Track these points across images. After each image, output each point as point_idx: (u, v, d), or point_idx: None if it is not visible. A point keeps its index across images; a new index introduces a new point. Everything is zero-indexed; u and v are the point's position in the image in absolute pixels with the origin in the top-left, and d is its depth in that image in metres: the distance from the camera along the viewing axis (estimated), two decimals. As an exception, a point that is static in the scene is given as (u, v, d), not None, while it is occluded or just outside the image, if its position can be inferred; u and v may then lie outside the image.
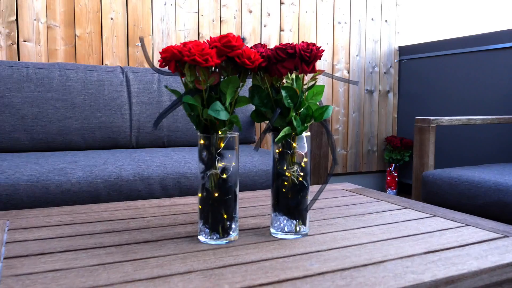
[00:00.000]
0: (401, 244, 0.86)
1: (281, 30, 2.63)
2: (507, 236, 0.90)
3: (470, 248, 0.84)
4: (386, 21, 2.96)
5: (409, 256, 0.78)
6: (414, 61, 2.91)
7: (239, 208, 1.13)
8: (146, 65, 2.27)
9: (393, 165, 2.88)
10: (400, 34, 3.01)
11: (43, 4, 2.05)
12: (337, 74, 2.82)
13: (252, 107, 2.23)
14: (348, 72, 2.85)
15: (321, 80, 2.76)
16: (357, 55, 2.87)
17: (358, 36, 2.87)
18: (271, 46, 2.59)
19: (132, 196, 1.51)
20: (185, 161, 1.66)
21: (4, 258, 0.74)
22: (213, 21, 2.44)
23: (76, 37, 2.13)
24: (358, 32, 2.87)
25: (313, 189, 1.38)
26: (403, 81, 2.99)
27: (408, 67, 2.96)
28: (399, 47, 3.00)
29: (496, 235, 0.92)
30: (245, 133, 2.23)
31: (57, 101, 1.87)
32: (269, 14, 2.59)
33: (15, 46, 2.02)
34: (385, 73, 2.99)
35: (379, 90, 2.97)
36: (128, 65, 2.23)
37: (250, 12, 2.54)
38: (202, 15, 2.42)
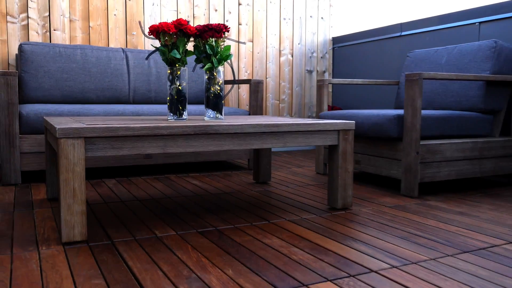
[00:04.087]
0: (271, 122, 1.77)
1: (239, 24, 3.54)
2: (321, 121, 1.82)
3: (301, 121, 1.77)
4: (322, 18, 3.88)
5: (274, 126, 1.69)
6: (344, 48, 3.83)
7: (189, 114, 2.04)
8: (140, 47, 3.16)
9: (327, 127, 3.80)
10: (333, 27, 3.93)
11: (67, 3, 2.94)
12: (283, 58, 3.73)
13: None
14: (292, 56, 3.77)
15: (270, 61, 3.67)
16: (299, 44, 3.79)
17: (299, 29, 3.79)
18: (232, 36, 3.50)
19: (131, 125, 2.41)
20: (166, 107, 2.56)
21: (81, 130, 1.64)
22: (188, 17, 3.34)
23: (90, 27, 3.02)
24: (300, 26, 3.79)
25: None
26: (336, 64, 3.92)
27: (339, 53, 3.88)
28: (333, 37, 3.93)
29: (319, 121, 1.84)
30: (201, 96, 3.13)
31: (79, 70, 2.75)
32: (230, 12, 3.49)
33: (48, 33, 2.90)
34: (321, 57, 3.91)
35: (317, 70, 3.90)
36: (126, 47, 3.12)
37: (216, 10, 3.44)
38: (180, 13, 3.31)
